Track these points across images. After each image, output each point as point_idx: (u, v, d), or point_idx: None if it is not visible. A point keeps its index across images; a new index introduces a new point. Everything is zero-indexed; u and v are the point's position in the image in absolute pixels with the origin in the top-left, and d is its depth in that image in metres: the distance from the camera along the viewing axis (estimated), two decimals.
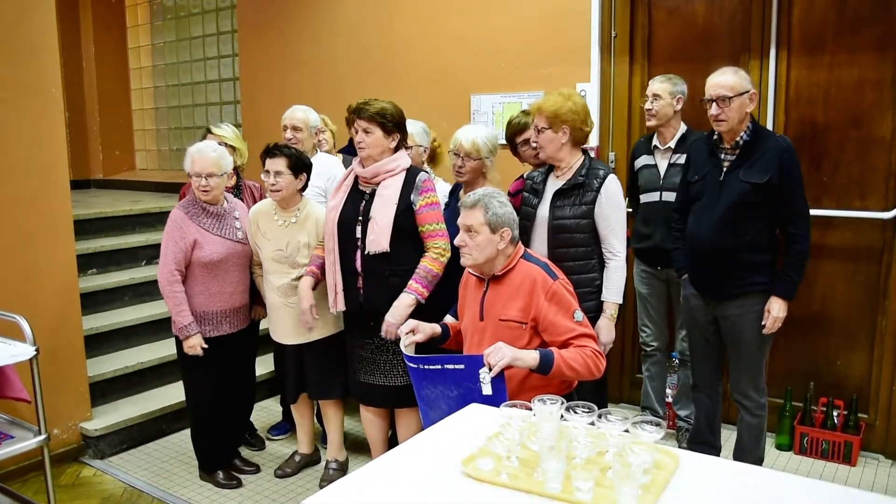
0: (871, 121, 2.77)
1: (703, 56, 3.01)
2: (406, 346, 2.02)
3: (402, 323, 2.16)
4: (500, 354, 1.80)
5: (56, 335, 2.92)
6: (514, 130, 2.64)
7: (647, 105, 2.78)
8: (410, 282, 2.28)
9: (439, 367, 1.89)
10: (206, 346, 2.50)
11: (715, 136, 2.36)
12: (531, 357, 1.84)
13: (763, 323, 2.31)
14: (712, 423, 2.57)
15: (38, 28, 2.85)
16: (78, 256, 3.09)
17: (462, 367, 1.84)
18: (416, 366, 1.95)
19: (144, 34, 5.82)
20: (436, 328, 2.12)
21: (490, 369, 1.80)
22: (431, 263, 2.29)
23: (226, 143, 2.94)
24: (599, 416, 1.45)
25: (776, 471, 1.51)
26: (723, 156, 2.34)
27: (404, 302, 2.26)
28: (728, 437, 2.73)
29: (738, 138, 2.29)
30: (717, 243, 2.31)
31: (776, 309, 2.29)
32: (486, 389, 1.79)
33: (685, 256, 2.48)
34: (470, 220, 1.99)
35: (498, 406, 1.75)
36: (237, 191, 2.95)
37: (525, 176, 2.61)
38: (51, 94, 2.90)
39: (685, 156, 2.59)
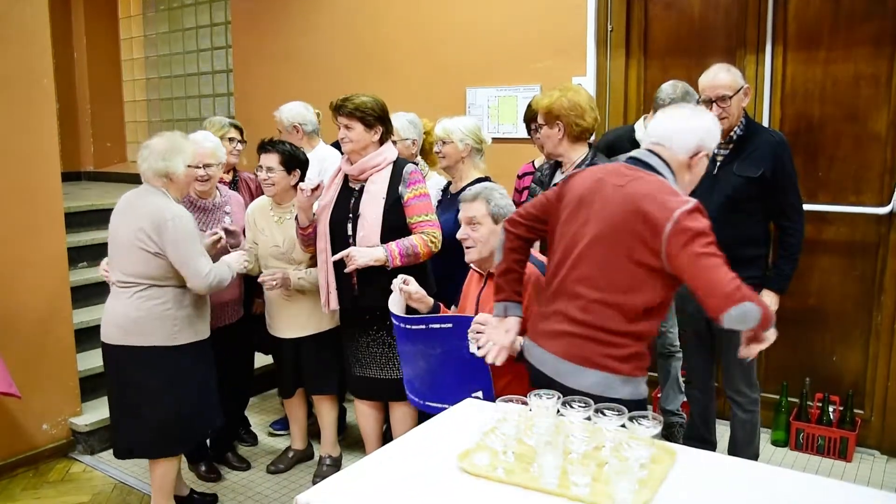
0: (866, 116, 2.77)
1: (699, 51, 3.00)
2: (393, 301, 2.07)
3: (360, 264, 2.20)
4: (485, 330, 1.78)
5: (46, 329, 2.89)
6: (531, 115, 2.63)
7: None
8: (391, 243, 2.25)
9: (423, 326, 1.95)
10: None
11: None
12: (516, 344, 1.81)
13: None
14: (707, 419, 2.57)
15: (29, 18, 2.80)
16: (68, 249, 3.05)
17: (450, 325, 1.90)
18: (399, 324, 2.01)
19: (137, 25, 5.75)
20: (429, 299, 2.11)
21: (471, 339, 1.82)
22: (420, 242, 2.27)
23: (243, 139, 2.98)
24: (596, 411, 1.44)
25: (773, 466, 1.51)
26: (716, 150, 2.33)
27: (376, 251, 2.23)
28: (724, 432, 2.73)
29: (731, 133, 2.29)
30: None
31: (768, 303, 2.28)
32: (473, 348, 1.82)
33: None
34: (471, 212, 1.98)
35: (482, 367, 1.82)
36: (234, 185, 2.93)
37: (536, 167, 2.61)
38: (42, 85, 2.86)
39: None
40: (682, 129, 1.63)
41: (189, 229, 2.14)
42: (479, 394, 1.86)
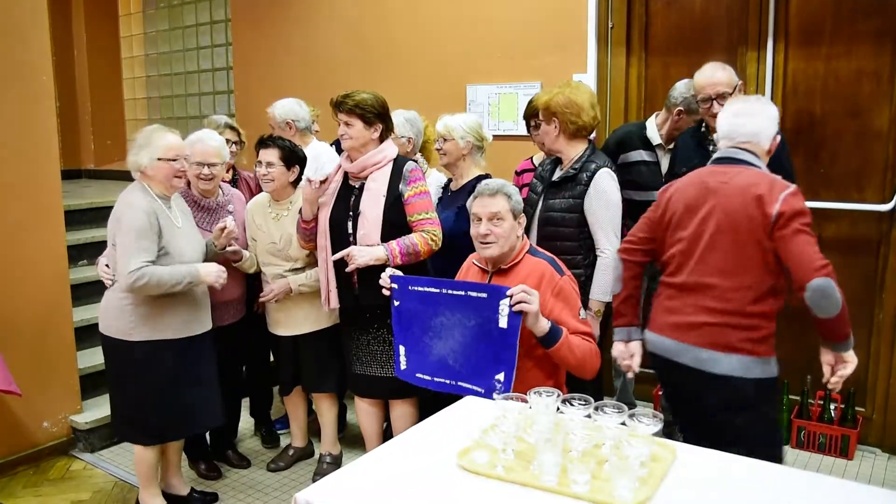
0: (868, 112, 2.75)
1: (701, 47, 2.99)
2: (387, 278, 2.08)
3: (360, 264, 2.20)
4: (530, 299, 1.80)
5: (46, 327, 2.89)
6: (531, 112, 2.62)
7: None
8: (392, 241, 2.24)
9: (462, 293, 1.92)
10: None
11: (702, 129, 2.37)
12: (545, 323, 1.84)
13: None
14: None
15: (27, 13, 2.80)
16: (69, 247, 3.05)
17: (485, 295, 1.87)
18: (438, 290, 1.96)
19: (137, 23, 5.74)
20: None
21: (511, 303, 1.80)
22: (420, 240, 2.26)
23: (241, 141, 2.97)
24: (596, 409, 1.44)
25: (773, 464, 1.50)
26: (712, 147, 2.35)
27: (377, 251, 2.22)
28: None
29: None
30: None
31: None
32: (503, 322, 1.82)
33: None
34: (495, 207, 1.95)
35: (510, 343, 1.81)
36: (233, 183, 2.92)
37: (535, 163, 2.60)
38: (41, 82, 2.86)
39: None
40: (764, 124, 1.81)
41: (134, 224, 2.11)
42: (501, 376, 1.82)
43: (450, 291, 1.94)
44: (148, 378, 2.21)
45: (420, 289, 2.00)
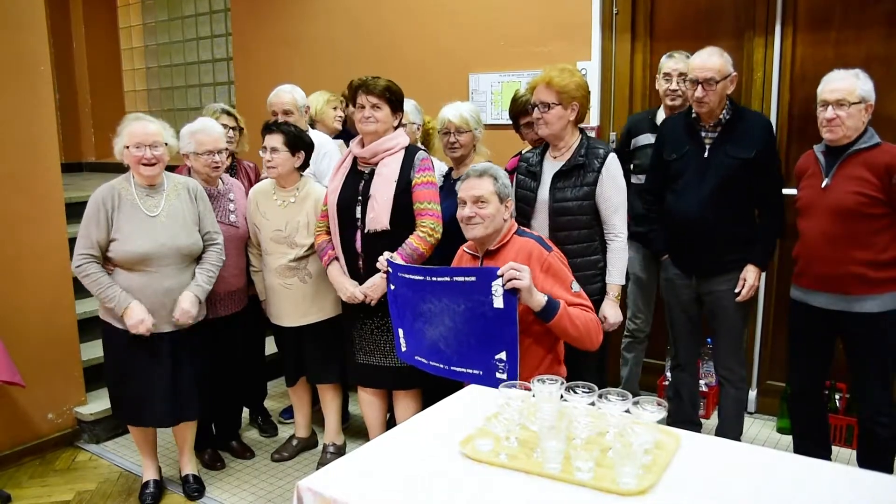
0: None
1: (707, 33, 2.95)
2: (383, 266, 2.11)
3: (377, 297, 2.26)
4: (521, 275, 1.77)
5: (49, 319, 2.89)
6: (521, 109, 2.58)
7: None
8: (394, 254, 2.23)
9: (448, 279, 1.89)
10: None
11: (693, 115, 2.38)
12: (540, 297, 1.81)
13: (737, 290, 2.35)
14: (694, 401, 2.64)
15: (24, 2, 2.77)
16: (70, 240, 3.03)
17: (473, 279, 1.84)
18: (422, 277, 1.95)
19: (135, 13, 5.71)
20: None
21: (503, 282, 1.78)
22: (419, 242, 2.26)
23: (239, 127, 2.92)
24: (600, 397, 1.43)
25: (779, 451, 1.49)
26: (704, 134, 2.37)
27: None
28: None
29: (720, 117, 2.32)
30: (706, 220, 2.33)
31: (752, 277, 2.34)
32: (498, 302, 1.80)
33: (665, 236, 2.47)
34: (480, 189, 1.95)
35: (509, 321, 1.79)
36: (232, 171, 2.90)
37: (521, 156, 2.57)
38: (39, 72, 2.84)
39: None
40: None
41: (87, 210, 2.23)
42: (503, 355, 1.81)
43: (434, 279, 1.92)
44: (113, 356, 2.37)
45: (408, 276, 2.00)
